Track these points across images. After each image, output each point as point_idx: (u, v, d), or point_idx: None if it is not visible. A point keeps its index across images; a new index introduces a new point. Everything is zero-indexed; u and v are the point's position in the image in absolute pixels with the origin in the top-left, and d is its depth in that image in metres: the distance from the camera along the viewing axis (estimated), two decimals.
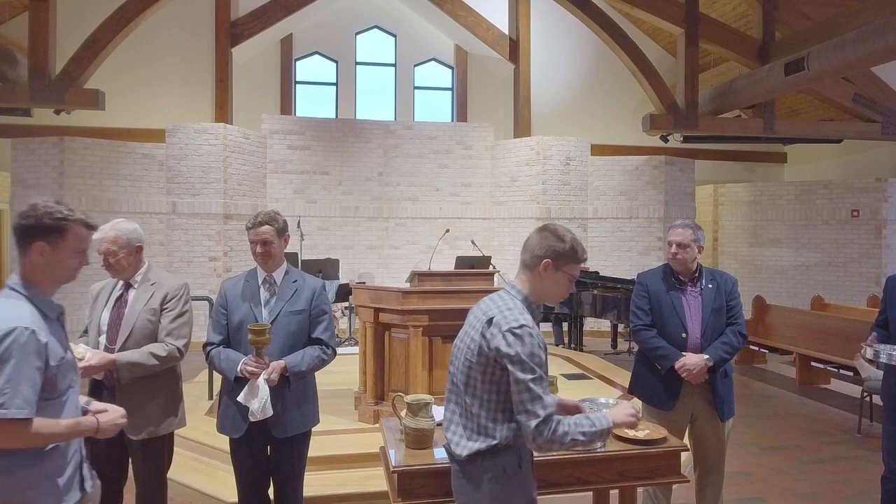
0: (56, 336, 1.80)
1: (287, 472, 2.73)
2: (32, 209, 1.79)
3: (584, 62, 11.35)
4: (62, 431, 1.76)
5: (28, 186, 8.26)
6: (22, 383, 1.65)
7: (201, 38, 9.95)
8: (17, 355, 1.66)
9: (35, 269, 1.80)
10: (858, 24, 6.97)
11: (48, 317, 1.80)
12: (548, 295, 1.96)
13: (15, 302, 1.76)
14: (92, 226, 1.90)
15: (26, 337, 1.68)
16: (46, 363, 1.72)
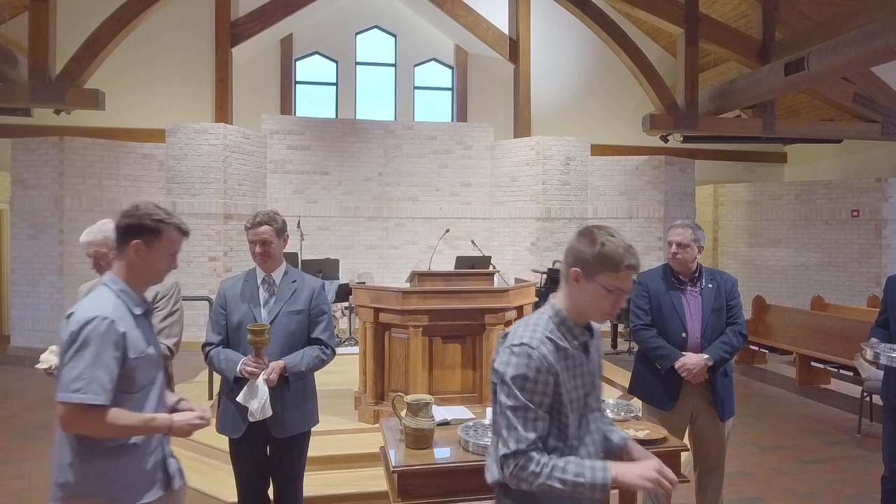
0: (140, 331, 1.86)
1: (287, 472, 2.73)
2: (135, 209, 1.88)
3: (584, 62, 11.35)
4: (136, 424, 1.79)
5: (28, 186, 8.26)
6: (99, 370, 1.70)
7: (201, 38, 9.95)
8: (95, 343, 1.71)
9: (129, 266, 1.88)
10: (858, 24, 6.97)
11: (134, 313, 1.86)
12: (586, 310, 1.66)
13: (102, 295, 1.84)
14: (185, 231, 2.01)
15: (105, 326, 1.74)
16: (125, 354, 1.77)
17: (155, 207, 1.91)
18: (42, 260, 8.19)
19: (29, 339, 8.15)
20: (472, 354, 4.44)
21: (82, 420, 1.70)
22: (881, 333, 3.12)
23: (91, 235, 2.62)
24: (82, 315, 1.75)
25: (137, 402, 1.83)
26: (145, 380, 1.86)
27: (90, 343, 1.71)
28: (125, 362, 1.77)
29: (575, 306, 1.67)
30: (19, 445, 4.79)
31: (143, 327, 1.89)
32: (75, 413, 1.68)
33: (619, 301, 1.64)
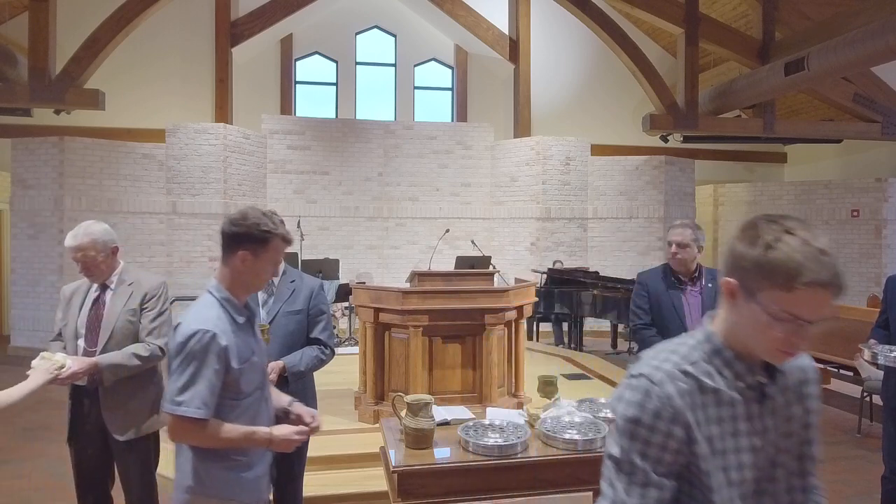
0: (243, 339, 1.86)
1: (286, 472, 2.73)
2: (243, 218, 1.87)
3: (584, 62, 11.35)
4: (236, 437, 1.81)
5: (28, 186, 8.26)
6: (201, 384, 1.74)
7: (201, 38, 9.95)
8: (198, 357, 1.74)
9: (234, 274, 1.88)
10: (858, 24, 6.97)
11: (237, 321, 1.87)
12: (746, 338, 1.14)
13: (206, 304, 1.85)
14: (289, 240, 1.98)
15: (207, 339, 1.75)
16: (227, 366, 1.79)
17: (262, 216, 1.90)
18: (42, 260, 8.19)
19: (29, 339, 8.15)
20: (472, 354, 4.44)
21: (185, 431, 1.76)
22: (881, 334, 3.12)
23: (77, 240, 2.54)
24: (187, 328, 1.77)
25: (244, 409, 1.86)
26: (250, 387, 1.88)
27: (193, 357, 1.74)
28: (228, 372, 1.80)
29: (732, 330, 1.17)
30: (19, 445, 4.79)
31: (247, 335, 1.90)
32: (179, 424, 1.74)
33: (798, 335, 1.13)
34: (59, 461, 2.76)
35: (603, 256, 9.95)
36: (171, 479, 3.77)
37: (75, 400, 2.61)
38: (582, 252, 9.91)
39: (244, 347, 1.86)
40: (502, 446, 2.26)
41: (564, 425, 2.42)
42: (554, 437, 2.33)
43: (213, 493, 1.82)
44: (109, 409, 2.56)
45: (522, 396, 4.77)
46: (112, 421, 2.56)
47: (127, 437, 2.58)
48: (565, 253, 9.71)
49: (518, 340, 4.91)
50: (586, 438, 2.31)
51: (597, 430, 2.38)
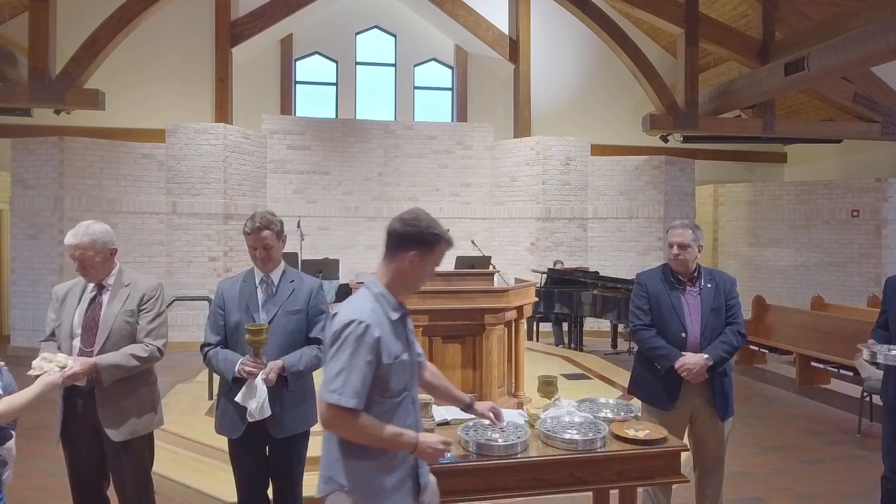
0: (395, 336, 1.86)
1: (286, 473, 2.73)
2: (417, 220, 1.90)
3: (584, 62, 11.35)
4: (385, 436, 1.80)
5: (28, 186, 8.26)
6: (353, 374, 1.74)
7: (201, 38, 9.95)
8: (351, 346, 1.76)
9: (396, 273, 1.90)
10: (858, 24, 6.97)
11: (391, 318, 1.87)
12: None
13: (362, 297, 1.88)
14: (451, 245, 2.00)
15: (361, 330, 1.76)
16: (379, 359, 1.79)
17: (434, 220, 1.94)
18: (42, 260, 8.19)
19: (29, 339, 8.15)
20: (472, 354, 4.44)
21: (337, 420, 1.76)
22: (881, 335, 3.11)
23: (77, 238, 2.54)
24: (343, 317, 1.80)
25: (390, 409, 1.85)
26: (399, 385, 1.86)
27: (347, 346, 1.75)
28: (379, 367, 1.79)
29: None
30: (19, 445, 4.75)
31: (399, 333, 1.89)
32: (332, 412, 1.75)
33: None
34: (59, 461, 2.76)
35: (603, 256, 9.95)
36: (166, 477, 3.79)
37: (68, 400, 2.60)
38: (582, 252, 9.91)
39: (396, 344, 1.85)
40: (502, 446, 2.26)
41: (564, 425, 2.42)
42: (554, 437, 2.33)
43: (352, 489, 1.82)
44: (104, 410, 2.55)
45: (522, 396, 4.77)
46: (107, 421, 2.55)
47: (122, 438, 2.57)
48: (565, 253, 9.71)
49: (518, 340, 4.91)
50: (586, 438, 2.31)
51: (597, 430, 2.38)
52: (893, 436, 3.00)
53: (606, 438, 2.36)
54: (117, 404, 2.56)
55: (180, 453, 4.23)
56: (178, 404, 5.30)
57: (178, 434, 4.43)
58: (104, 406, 2.55)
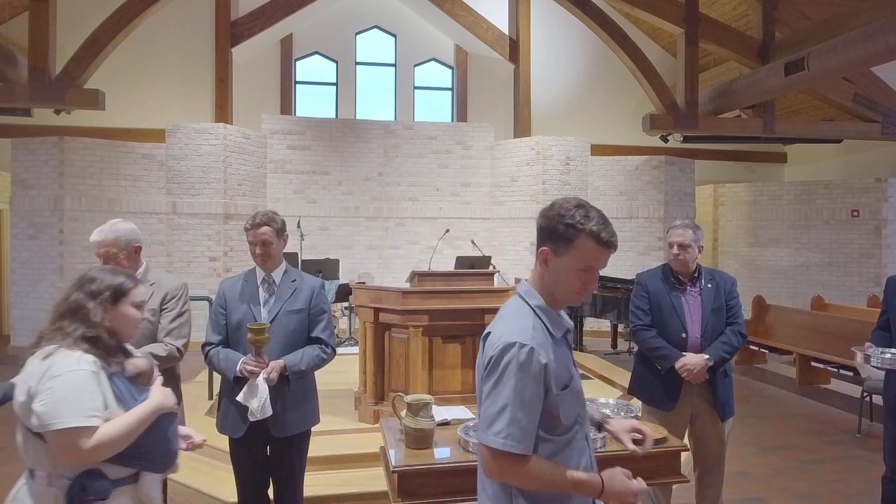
0: (561, 359, 1.53)
1: (287, 472, 2.73)
2: (550, 208, 1.60)
3: (584, 62, 11.35)
4: (561, 484, 1.47)
5: (28, 186, 8.26)
6: (520, 411, 1.43)
7: (201, 38, 9.94)
8: (515, 376, 1.43)
9: (539, 277, 1.61)
10: (858, 24, 6.97)
11: (553, 335, 1.54)
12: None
13: (519, 312, 1.55)
14: (606, 242, 1.52)
15: (525, 356, 1.43)
16: (547, 391, 1.47)
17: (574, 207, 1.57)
18: (42, 260, 8.19)
19: (29, 339, 8.11)
20: (472, 354, 4.44)
21: (504, 469, 1.46)
22: (882, 336, 3.09)
23: (101, 235, 2.57)
24: (499, 339, 1.47)
25: (559, 447, 1.52)
26: (570, 418, 1.54)
27: (509, 376, 1.43)
28: (547, 398, 1.47)
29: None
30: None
31: (563, 354, 1.56)
32: (497, 460, 1.44)
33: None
34: None
35: None
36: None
37: None
38: None
39: (563, 369, 1.53)
40: None
41: None
42: None
43: None
44: None
45: None
46: None
47: None
48: None
49: None
50: None
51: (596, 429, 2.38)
52: (894, 436, 3.00)
53: (606, 438, 2.36)
54: None
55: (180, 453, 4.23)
56: None
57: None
58: None
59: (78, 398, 1.57)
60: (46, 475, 1.62)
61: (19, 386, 1.64)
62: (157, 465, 1.76)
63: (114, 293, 1.77)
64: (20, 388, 1.63)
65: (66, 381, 1.58)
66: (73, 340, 1.66)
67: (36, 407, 1.56)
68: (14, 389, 1.72)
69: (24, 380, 1.64)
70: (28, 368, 1.66)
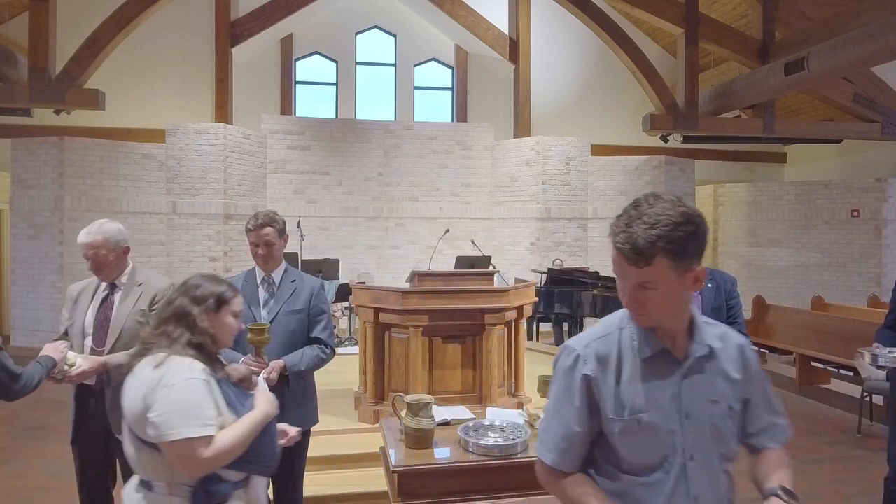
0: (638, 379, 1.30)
1: (286, 472, 2.73)
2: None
3: (584, 62, 11.35)
4: None
5: (28, 186, 8.26)
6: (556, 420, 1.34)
7: (201, 38, 9.94)
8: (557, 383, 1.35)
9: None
10: (858, 24, 6.97)
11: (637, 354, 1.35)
12: None
13: (609, 318, 1.42)
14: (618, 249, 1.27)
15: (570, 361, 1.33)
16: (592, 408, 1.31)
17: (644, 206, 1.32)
18: (42, 260, 8.19)
19: (29, 339, 8.15)
20: (472, 354, 4.44)
21: (541, 475, 1.39)
22: (888, 335, 3.04)
23: (90, 236, 2.56)
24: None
25: (633, 489, 1.29)
26: (640, 458, 1.28)
27: (554, 382, 1.36)
28: (595, 419, 1.30)
29: None
30: (19, 445, 4.79)
31: (651, 376, 1.29)
32: (537, 466, 1.39)
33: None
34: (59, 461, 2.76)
35: (603, 256, 9.94)
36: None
37: (80, 401, 2.60)
38: (582, 252, 9.91)
39: (637, 394, 1.27)
40: (502, 446, 2.26)
41: None
42: None
43: None
44: (114, 410, 2.54)
45: (522, 396, 4.77)
46: (116, 422, 2.54)
47: None
48: (565, 253, 9.71)
49: (518, 340, 4.91)
50: None
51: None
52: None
53: None
54: None
55: None
56: None
57: None
58: (113, 407, 2.54)
59: (193, 408, 1.57)
60: (166, 484, 1.61)
61: (130, 394, 1.63)
62: (264, 467, 1.77)
63: (217, 300, 1.80)
64: (131, 396, 1.62)
65: (181, 391, 1.57)
66: (181, 346, 1.66)
67: (152, 417, 1.55)
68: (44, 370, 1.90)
69: (134, 387, 1.63)
70: (139, 376, 1.64)
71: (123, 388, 1.67)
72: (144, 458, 1.62)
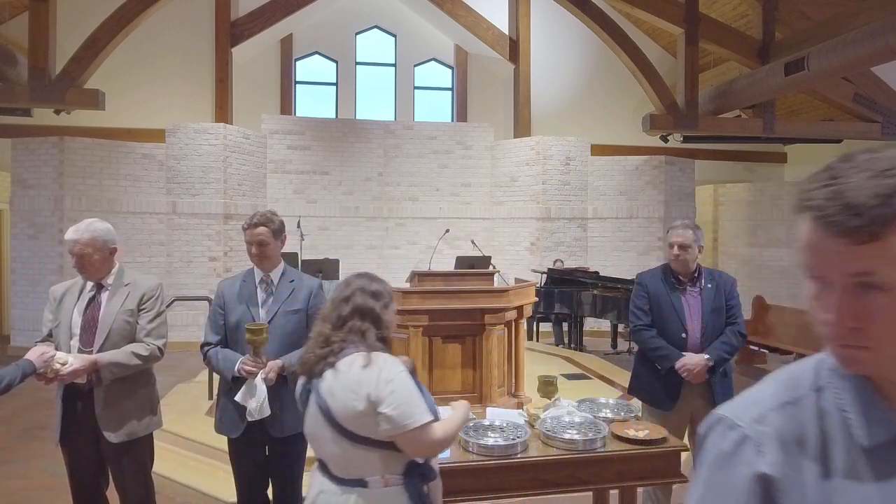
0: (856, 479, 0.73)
1: (286, 472, 2.73)
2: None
3: (584, 62, 11.35)
4: None
5: (28, 186, 8.26)
6: None
7: (201, 38, 9.94)
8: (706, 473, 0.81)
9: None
10: (858, 24, 6.97)
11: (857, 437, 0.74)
12: None
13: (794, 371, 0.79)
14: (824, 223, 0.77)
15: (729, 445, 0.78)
16: None
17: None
18: (42, 260, 8.19)
19: (29, 339, 8.14)
20: (472, 354, 4.44)
21: None
22: None
23: (77, 234, 2.53)
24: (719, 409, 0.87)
25: None
26: None
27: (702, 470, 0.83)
28: None
29: None
30: (19, 445, 4.79)
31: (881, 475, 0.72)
32: None
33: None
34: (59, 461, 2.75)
35: (603, 256, 9.94)
36: (166, 477, 3.79)
37: (67, 401, 2.58)
38: (582, 252, 9.91)
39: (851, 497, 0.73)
40: (502, 446, 2.26)
41: (564, 425, 2.42)
42: (554, 437, 2.33)
43: None
44: (103, 411, 2.52)
45: (522, 396, 4.77)
46: (106, 423, 2.52)
47: (120, 440, 2.54)
48: (565, 253, 9.71)
49: (518, 340, 4.91)
50: (586, 438, 2.31)
51: (597, 430, 2.38)
52: None
53: (606, 438, 2.36)
54: (116, 406, 2.54)
55: (180, 453, 4.23)
56: (178, 404, 5.30)
57: (177, 434, 4.43)
58: (102, 407, 2.52)
59: (415, 397, 1.68)
60: (381, 477, 1.69)
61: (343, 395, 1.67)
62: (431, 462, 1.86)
63: (390, 298, 1.89)
64: (346, 396, 1.66)
65: (401, 383, 1.67)
66: (373, 341, 1.76)
67: (387, 412, 1.62)
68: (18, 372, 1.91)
69: (349, 388, 1.67)
70: (349, 377, 1.68)
71: (327, 390, 1.70)
72: (358, 456, 1.67)
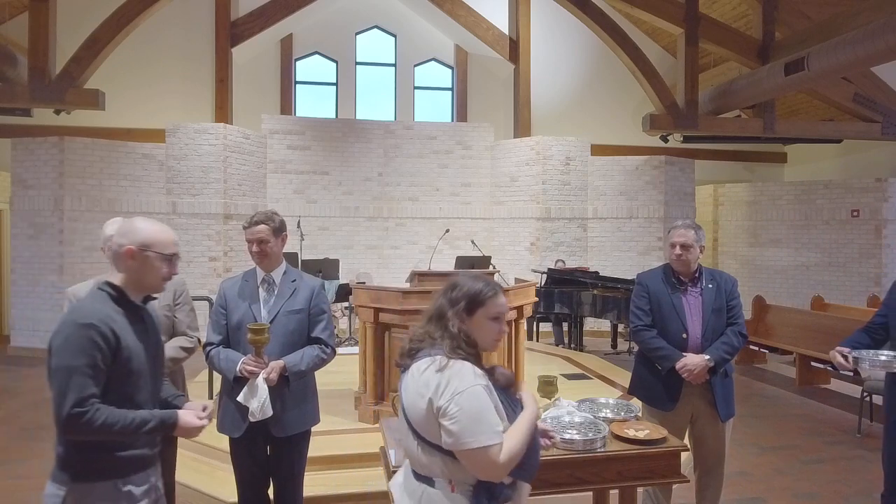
0: None
1: (287, 472, 2.73)
2: None
3: (584, 62, 11.35)
4: None
5: (28, 186, 8.26)
6: None
7: (201, 38, 9.94)
8: None
9: None
10: (858, 24, 6.97)
11: None
12: None
13: None
14: None
15: None
16: None
17: None
18: (42, 260, 8.19)
19: (29, 339, 8.15)
20: None
21: None
22: (864, 338, 2.92)
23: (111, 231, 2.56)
24: None
25: None
26: None
27: None
28: None
29: None
30: (19, 445, 4.79)
31: None
32: None
33: None
34: None
35: (603, 256, 9.95)
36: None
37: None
38: (582, 252, 9.91)
39: None
40: None
41: (564, 425, 2.42)
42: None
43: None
44: None
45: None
46: None
47: None
48: (565, 253, 9.71)
49: (518, 340, 4.91)
50: (586, 438, 2.31)
51: (597, 430, 2.38)
52: (892, 456, 2.81)
53: (606, 438, 2.36)
54: None
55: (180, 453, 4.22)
56: None
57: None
58: None
59: (485, 415, 1.59)
60: (448, 482, 1.66)
61: (412, 393, 1.66)
62: (529, 473, 1.74)
63: (469, 302, 1.74)
64: (414, 395, 1.65)
65: (471, 398, 1.59)
66: (449, 349, 1.68)
67: (449, 426, 1.57)
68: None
69: (417, 388, 1.65)
70: (422, 377, 1.66)
71: (404, 384, 1.71)
72: (427, 457, 1.66)
